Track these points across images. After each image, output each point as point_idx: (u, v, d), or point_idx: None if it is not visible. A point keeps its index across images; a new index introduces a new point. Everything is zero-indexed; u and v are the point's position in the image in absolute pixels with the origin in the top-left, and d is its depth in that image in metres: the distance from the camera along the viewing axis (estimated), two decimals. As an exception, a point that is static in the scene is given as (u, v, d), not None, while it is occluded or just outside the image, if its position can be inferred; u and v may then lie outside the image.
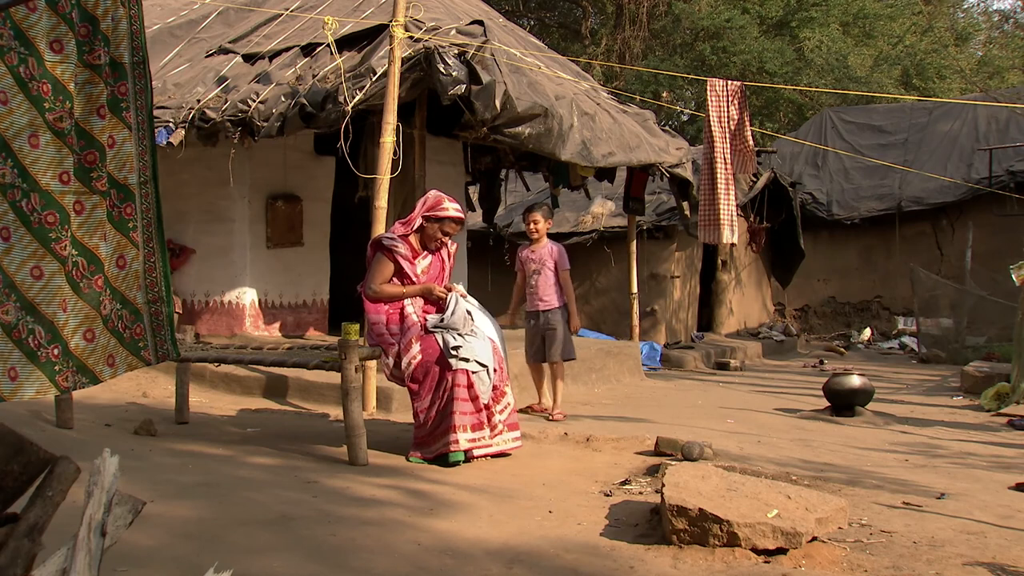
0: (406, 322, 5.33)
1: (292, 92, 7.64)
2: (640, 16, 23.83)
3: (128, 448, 5.12)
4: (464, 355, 5.20)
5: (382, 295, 5.37)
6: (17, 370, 2.78)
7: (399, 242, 5.42)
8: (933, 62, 23.39)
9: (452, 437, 5.14)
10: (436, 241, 5.50)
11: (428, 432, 5.24)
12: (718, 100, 10.19)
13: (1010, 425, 7.97)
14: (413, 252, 5.46)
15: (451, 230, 5.50)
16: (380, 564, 3.42)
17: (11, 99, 2.74)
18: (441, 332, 5.27)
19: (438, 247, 5.55)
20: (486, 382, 5.27)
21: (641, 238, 12.81)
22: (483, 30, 7.43)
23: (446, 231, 5.48)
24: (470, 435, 5.21)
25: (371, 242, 5.65)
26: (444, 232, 5.47)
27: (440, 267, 5.57)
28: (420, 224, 5.46)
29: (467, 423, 5.20)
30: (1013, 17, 30.41)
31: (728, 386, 10.48)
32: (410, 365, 5.25)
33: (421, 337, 5.29)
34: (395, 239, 5.43)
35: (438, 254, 5.57)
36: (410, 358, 5.26)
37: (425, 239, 5.50)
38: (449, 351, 5.19)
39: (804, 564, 3.59)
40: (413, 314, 5.34)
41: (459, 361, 5.19)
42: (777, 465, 5.50)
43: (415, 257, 5.47)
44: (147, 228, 3.14)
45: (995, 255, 14.27)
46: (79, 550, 1.99)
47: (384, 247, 5.43)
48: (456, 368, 5.17)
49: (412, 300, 5.37)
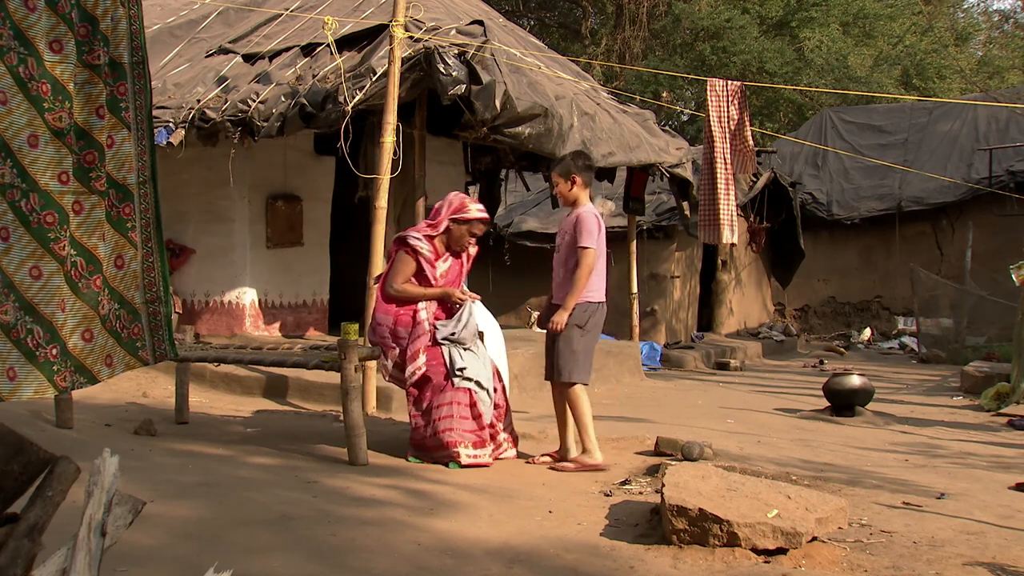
0: (417, 328, 5.27)
1: (292, 92, 7.64)
2: (640, 16, 23.83)
3: (128, 448, 5.11)
4: (468, 375, 5.18)
5: (402, 295, 5.30)
6: (16, 370, 2.77)
7: (424, 242, 5.34)
8: (933, 62, 23.39)
9: (453, 452, 5.13)
10: (462, 244, 5.42)
11: (423, 437, 5.24)
12: (718, 100, 10.19)
13: (1010, 425, 7.97)
14: (436, 254, 5.38)
15: (479, 231, 5.43)
16: (380, 564, 3.42)
17: (10, 99, 2.74)
18: (448, 346, 5.22)
19: (463, 249, 5.47)
20: (487, 402, 5.26)
21: (641, 238, 12.81)
22: (483, 30, 7.43)
23: (474, 232, 5.41)
24: (472, 451, 5.18)
25: (396, 239, 5.55)
26: (472, 234, 5.40)
27: (458, 271, 5.51)
28: (447, 226, 5.37)
29: (469, 440, 5.18)
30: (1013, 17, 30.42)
31: (728, 386, 10.48)
32: (414, 375, 5.24)
33: (428, 348, 5.25)
34: (421, 239, 5.34)
35: (458, 258, 5.50)
36: (415, 368, 5.23)
37: (451, 241, 5.41)
38: (454, 371, 5.17)
39: (804, 564, 3.59)
40: (426, 321, 5.28)
41: (462, 380, 5.18)
42: (777, 465, 5.50)
43: (437, 259, 5.39)
44: (146, 228, 3.13)
45: (995, 255, 14.27)
46: (79, 550, 1.99)
47: (409, 246, 5.34)
48: (458, 387, 5.17)
49: (426, 306, 5.31)
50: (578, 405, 5.26)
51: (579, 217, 5.27)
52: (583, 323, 5.24)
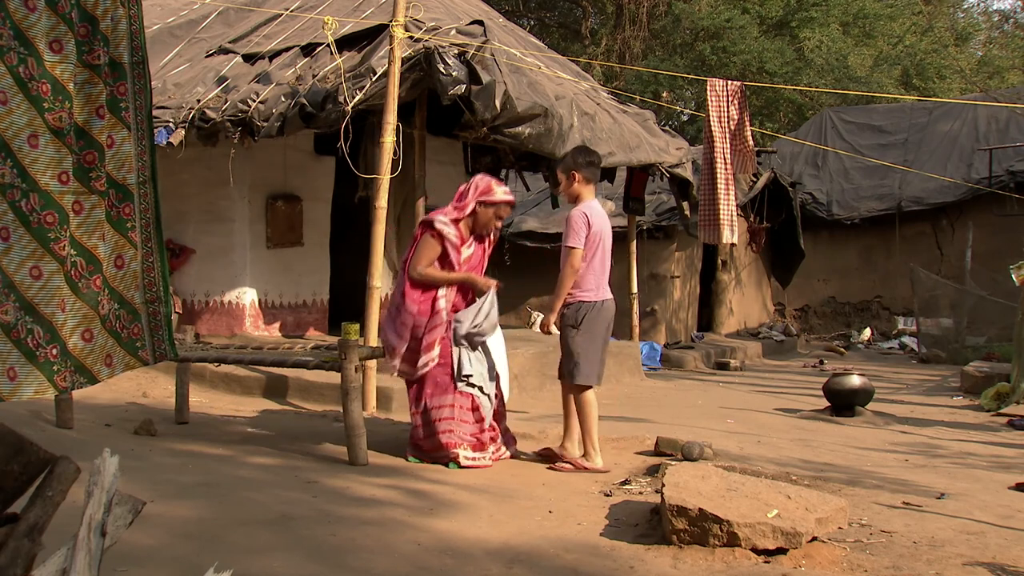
0: (435, 318, 5.16)
1: (292, 92, 7.64)
2: (640, 16, 23.83)
3: (128, 448, 5.11)
4: (474, 382, 5.16)
5: (427, 278, 5.17)
6: (16, 370, 2.78)
7: (451, 227, 5.21)
8: (933, 62, 23.39)
9: (452, 454, 5.13)
10: (488, 227, 5.30)
11: (422, 436, 5.23)
12: (718, 100, 10.20)
13: (1010, 425, 7.97)
14: (461, 239, 5.26)
15: (505, 214, 5.31)
16: (380, 564, 3.42)
17: (11, 99, 2.74)
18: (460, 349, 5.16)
19: (488, 232, 5.35)
20: (488, 407, 5.26)
21: (641, 238, 12.81)
22: (483, 30, 7.43)
23: (500, 215, 5.28)
24: (471, 453, 5.17)
25: (422, 221, 5.41)
26: (499, 216, 5.28)
27: (480, 256, 5.38)
28: (473, 209, 5.23)
29: (468, 443, 5.18)
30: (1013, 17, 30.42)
31: (728, 386, 10.48)
32: (427, 365, 5.16)
33: (443, 340, 5.18)
34: (447, 223, 5.20)
35: (480, 243, 5.37)
36: (428, 359, 5.15)
37: (476, 225, 5.27)
38: (460, 376, 5.14)
39: (804, 564, 3.59)
40: (444, 311, 5.17)
41: (467, 387, 5.16)
42: (777, 465, 5.50)
43: (462, 244, 5.26)
44: (145, 228, 3.13)
45: (995, 255, 14.27)
46: (79, 550, 1.99)
47: (435, 229, 5.20)
48: (461, 391, 5.17)
49: (446, 292, 5.19)
50: (583, 408, 5.27)
51: (568, 216, 5.29)
52: (576, 323, 5.24)
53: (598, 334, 5.31)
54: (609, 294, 5.36)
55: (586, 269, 5.22)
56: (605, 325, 5.34)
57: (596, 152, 5.60)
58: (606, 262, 5.34)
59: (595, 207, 5.33)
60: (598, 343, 5.31)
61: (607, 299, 5.33)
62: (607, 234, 5.34)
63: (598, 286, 5.29)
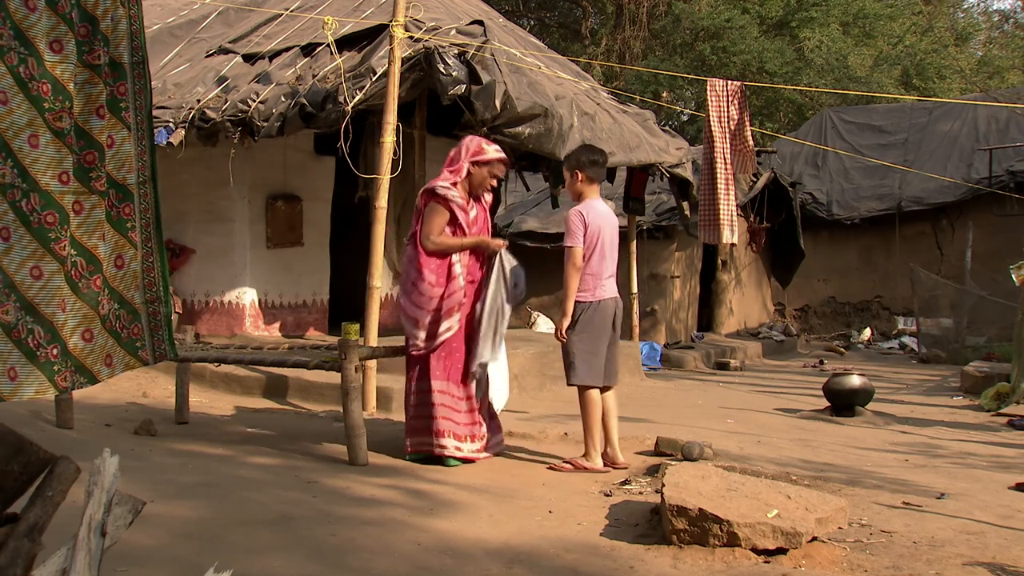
0: (452, 284, 5.14)
1: (292, 92, 7.64)
2: (640, 16, 23.84)
3: (128, 448, 5.11)
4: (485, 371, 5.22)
5: (442, 246, 5.14)
6: (16, 370, 2.78)
7: (454, 190, 5.19)
8: (933, 62, 23.39)
9: (441, 441, 5.15)
10: (485, 186, 5.30)
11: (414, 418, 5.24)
12: (718, 100, 10.19)
13: (1010, 425, 7.97)
14: (465, 200, 5.26)
15: (499, 172, 5.32)
16: (380, 564, 3.42)
17: (11, 99, 2.74)
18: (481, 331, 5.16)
19: (486, 191, 5.36)
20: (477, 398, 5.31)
21: (641, 238, 12.81)
22: (483, 30, 7.43)
23: (495, 174, 5.29)
24: (456, 443, 5.20)
25: (423, 191, 5.38)
26: (493, 175, 5.29)
27: (484, 218, 5.39)
28: (468, 170, 5.23)
29: (462, 433, 5.21)
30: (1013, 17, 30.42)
31: (728, 386, 10.48)
32: (449, 330, 5.12)
33: (462, 305, 5.17)
34: (449, 187, 5.19)
35: (480, 205, 5.38)
36: (448, 325, 5.12)
37: (472, 186, 5.27)
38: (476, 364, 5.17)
39: (804, 564, 3.59)
40: (460, 275, 5.15)
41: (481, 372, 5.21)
42: (777, 465, 5.50)
43: (467, 205, 5.27)
44: (145, 228, 3.14)
45: (995, 255, 14.27)
46: (79, 550, 1.99)
47: (439, 196, 5.18)
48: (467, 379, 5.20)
49: (460, 259, 5.17)
50: (584, 408, 5.25)
51: (566, 216, 5.30)
52: (571, 324, 5.23)
53: (596, 334, 5.26)
54: (611, 293, 5.32)
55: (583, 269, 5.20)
56: (604, 324, 5.29)
57: (602, 151, 5.59)
58: (607, 261, 5.30)
59: (595, 206, 5.31)
60: (597, 343, 5.26)
61: (605, 298, 5.28)
62: (609, 233, 5.30)
63: (595, 286, 5.25)
